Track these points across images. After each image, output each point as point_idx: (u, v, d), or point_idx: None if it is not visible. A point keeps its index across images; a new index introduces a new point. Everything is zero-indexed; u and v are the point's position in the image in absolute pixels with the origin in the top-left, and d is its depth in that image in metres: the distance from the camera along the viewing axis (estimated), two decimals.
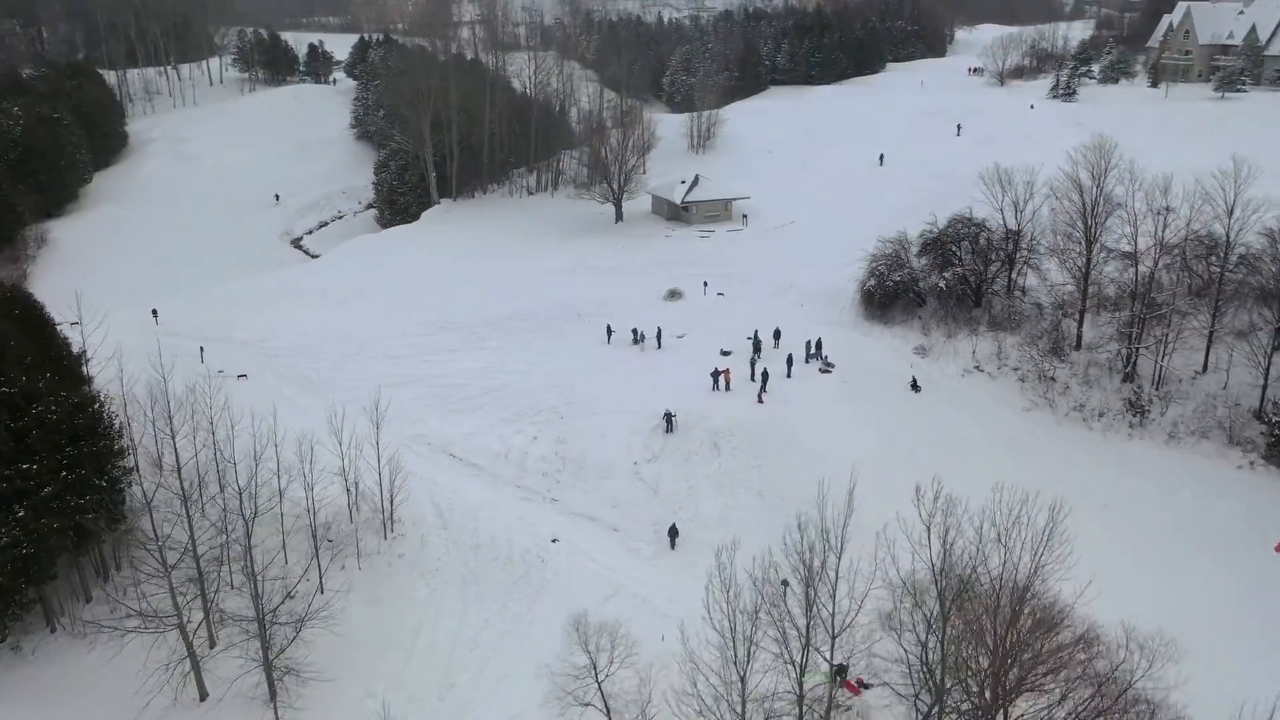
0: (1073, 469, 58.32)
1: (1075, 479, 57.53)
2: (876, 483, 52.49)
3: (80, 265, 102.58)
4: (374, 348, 66.71)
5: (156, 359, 61.12)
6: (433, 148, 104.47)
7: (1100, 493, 56.90)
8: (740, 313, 73.64)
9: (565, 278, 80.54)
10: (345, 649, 45.43)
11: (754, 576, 33.75)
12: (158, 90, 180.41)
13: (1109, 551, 51.38)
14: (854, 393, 61.52)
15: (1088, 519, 55.39)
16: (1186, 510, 54.32)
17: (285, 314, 72.33)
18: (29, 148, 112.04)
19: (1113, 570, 49.34)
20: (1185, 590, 47.82)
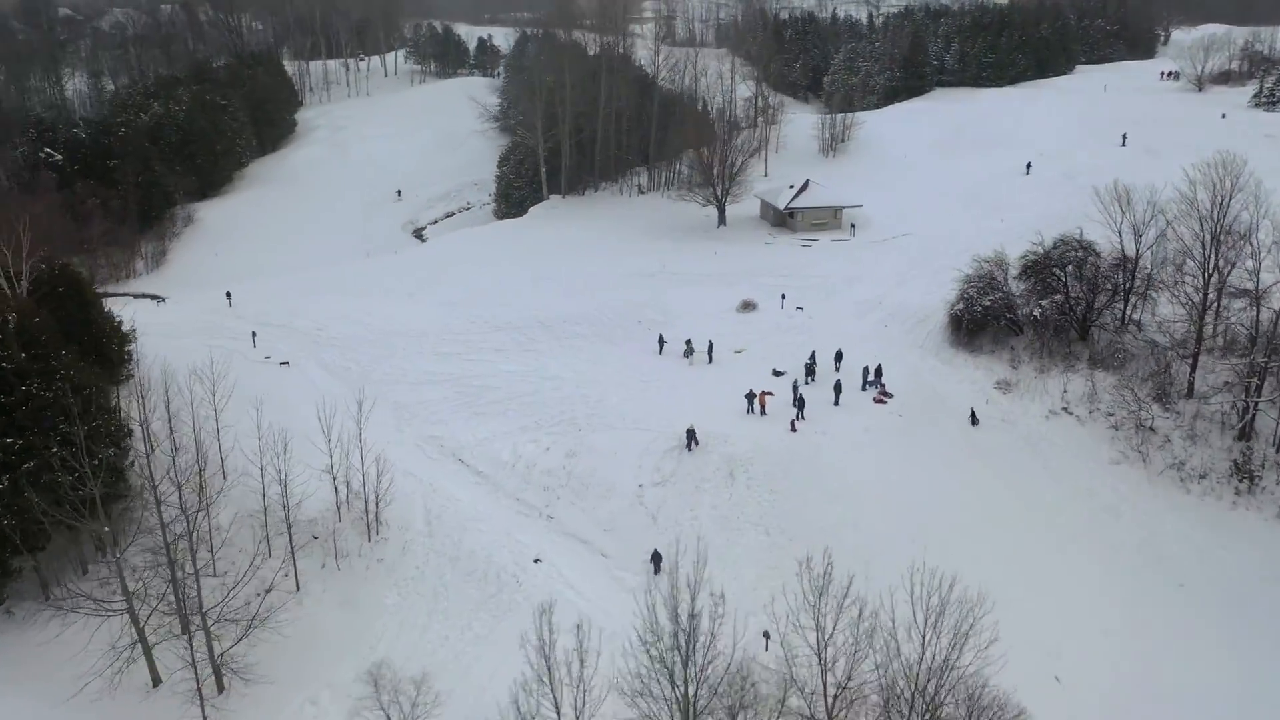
0: (1155, 537, 50.47)
1: (1155, 549, 49.91)
2: (892, 537, 47.17)
3: (215, 243, 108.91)
4: (425, 343, 66.20)
5: (211, 341, 63.11)
6: (550, 142, 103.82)
7: (1183, 568, 48.85)
8: (813, 330, 68.43)
9: (641, 281, 77.53)
10: (304, 651, 44.65)
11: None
12: (336, 80, 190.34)
13: (1173, 639, 44.02)
14: (906, 427, 55.53)
15: (1162, 597, 47.96)
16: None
17: (351, 303, 73.13)
18: (189, 133, 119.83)
19: (1166, 660, 42.21)
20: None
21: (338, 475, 49.20)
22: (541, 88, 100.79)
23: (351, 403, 56.84)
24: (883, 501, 49.95)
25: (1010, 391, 59.97)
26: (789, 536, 47.82)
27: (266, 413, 53.48)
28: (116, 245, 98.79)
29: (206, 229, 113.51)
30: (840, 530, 47.95)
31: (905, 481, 51.25)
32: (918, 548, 46.85)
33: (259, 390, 58.86)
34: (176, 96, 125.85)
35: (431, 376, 61.86)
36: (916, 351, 64.69)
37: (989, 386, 60.40)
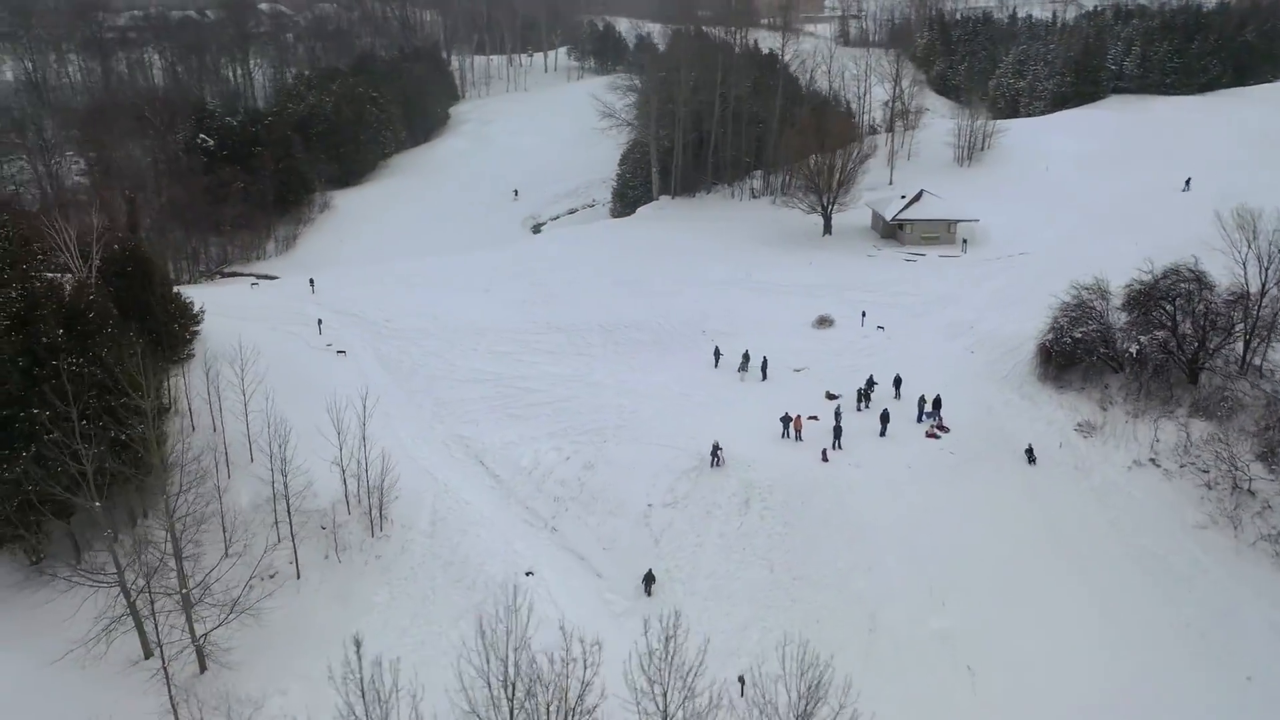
0: (1230, 618, 43.70)
1: (1228, 632, 43.29)
2: (907, 588, 42.89)
3: (346, 230, 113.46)
4: (482, 340, 66.05)
5: (280, 327, 65.10)
6: (668, 141, 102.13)
7: (1256, 659, 42.04)
8: (888, 352, 63.90)
9: (720, 290, 74.75)
10: (288, 640, 45.00)
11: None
12: (497, 75, 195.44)
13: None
14: (956, 467, 50.59)
15: (1225, 690, 41.63)
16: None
17: (427, 296, 73.98)
18: (335, 123, 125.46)
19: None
20: None
21: (348, 469, 49.31)
22: (654, 85, 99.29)
23: (389, 395, 57.35)
24: (907, 546, 45.57)
25: (1092, 435, 53.66)
26: (793, 575, 44.47)
27: (306, 400, 54.67)
28: (248, 228, 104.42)
29: (341, 216, 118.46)
30: (850, 574, 44.23)
31: (938, 527, 46.58)
32: (934, 602, 42.96)
33: (308, 377, 60.51)
34: (329, 88, 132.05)
35: (478, 375, 61.55)
36: (997, 383, 59.07)
37: (1069, 428, 54.26)
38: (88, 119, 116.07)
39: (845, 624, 42.17)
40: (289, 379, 58.76)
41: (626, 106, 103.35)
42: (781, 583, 44.18)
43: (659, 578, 45.14)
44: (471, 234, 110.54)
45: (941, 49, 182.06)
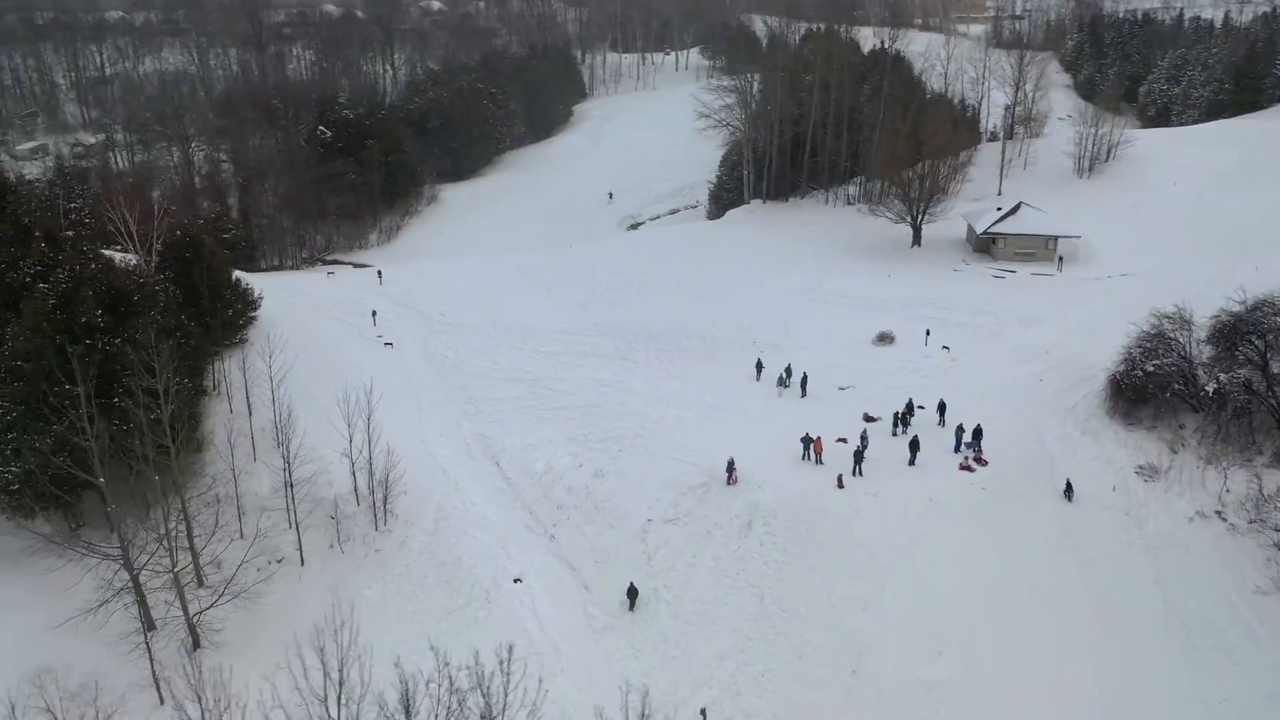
0: (1276, 703, 38.64)
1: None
2: (904, 633, 39.80)
3: (449, 223, 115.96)
4: (529, 340, 65.75)
5: (339, 316, 66.69)
6: (765, 144, 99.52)
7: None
8: (947, 374, 60.07)
9: (785, 299, 71.99)
10: (279, 626, 45.65)
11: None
12: (628, 74, 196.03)
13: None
14: (986, 503, 46.77)
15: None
16: None
17: (489, 292, 74.25)
18: (449, 118, 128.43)
19: None
20: None
21: (357, 461, 49.75)
22: (748, 85, 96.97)
23: (427, 389, 57.67)
24: (910, 586, 42.32)
25: (1154, 480, 48.68)
26: (783, 606, 42.05)
27: (339, 389, 55.56)
28: (353, 218, 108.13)
29: (446, 209, 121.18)
30: (844, 611, 41.49)
31: (949, 568, 43.04)
32: (929, 650, 39.84)
33: (347, 367, 61.65)
34: (451, 85, 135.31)
35: (518, 374, 61.24)
36: (1059, 415, 54.43)
37: (1128, 470, 49.40)
38: (222, 110, 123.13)
39: (828, 663, 39.59)
40: (327, 368, 60.16)
41: (725, 107, 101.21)
42: (769, 613, 41.84)
43: (647, 596, 43.58)
44: (566, 232, 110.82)
45: (1091, 51, 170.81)
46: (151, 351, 44.98)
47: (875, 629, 40.58)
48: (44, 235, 53.56)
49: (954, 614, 41.00)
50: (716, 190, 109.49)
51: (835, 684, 38.73)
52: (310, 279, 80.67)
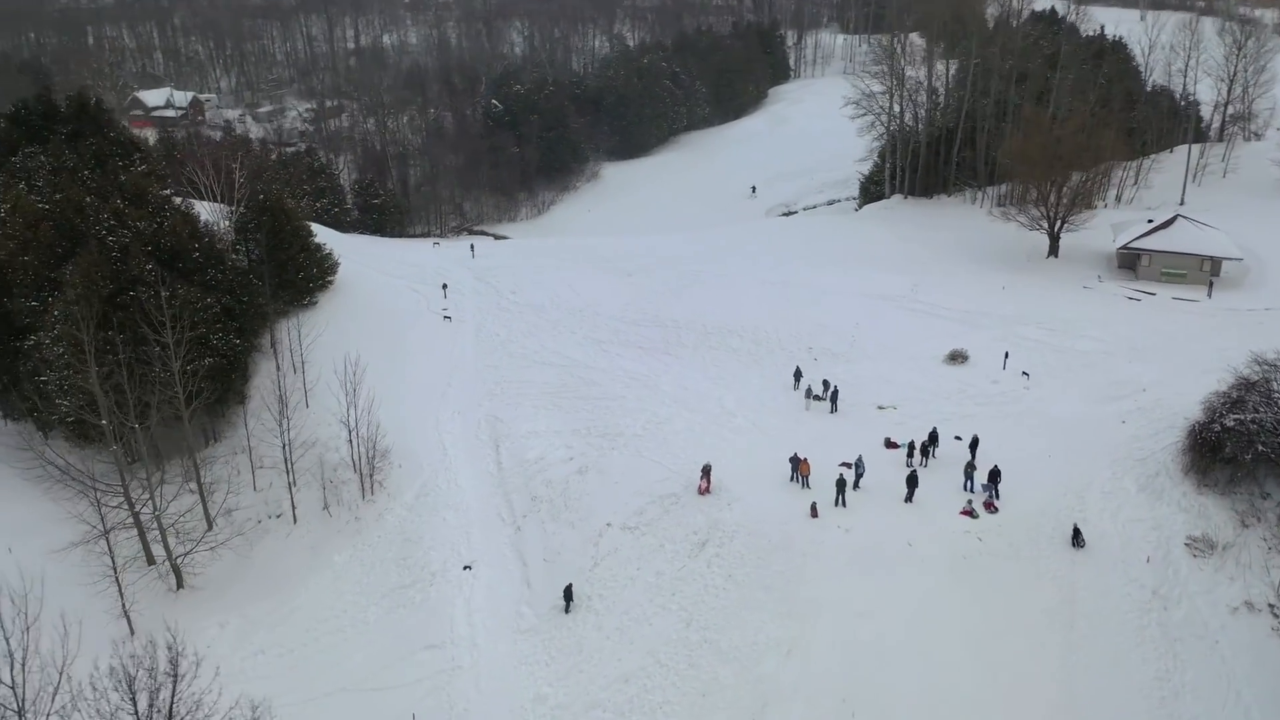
0: None
1: None
2: (828, 690, 35.90)
3: (600, 200, 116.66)
4: (581, 325, 64.65)
5: (417, 286, 68.88)
6: (929, 135, 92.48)
7: None
8: (1013, 404, 53.55)
9: (867, 303, 66.23)
10: (255, 576, 48.38)
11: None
12: (839, 56, 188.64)
13: None
14: (973, 557, 41.23)
15: None
16: None
17: (568, 274, 73.50)
18: (623, 97, 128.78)
19: None
20: None
21: (355, 430, 50.85)
22: (895, 73, 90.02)
23: (465, 366, 58.30)
24: (848, 641, 37.89)
25: (1204, 556, 41.02)
26: (705, 637, 39.16)
27: (377, 358, 57.50)
28: (506, 191, 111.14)
29: (604, 187, 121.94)
30: (765, 653, 38.08)
31: (904, 627, 38.13)
32: (841, 712, 35.55)
33: (395, 337, 63.44)
34: (634, 63, 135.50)
35: (555, 358, 60.54)
36: (1123, 465, 46.94)
37: (1176, 540, 41.89)
38: (410, 81, 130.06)
39: (730, 707, 36.43)
40: (375, 337, 62.25)
41: (869, 95, 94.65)
42: (690, 642, 39.03)
43: (581, 602, 41.91)
44: (714, 215, 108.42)
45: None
46: (162, 309, 47.95)
47: (791, 680, 36.84)
48: (130, 192, 58.54)
49: (888, 680, 36.37)
50: (865, 182, 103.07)
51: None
52: (418, 247, 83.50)
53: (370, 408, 52.39)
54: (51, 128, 67.55)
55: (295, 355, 59.23)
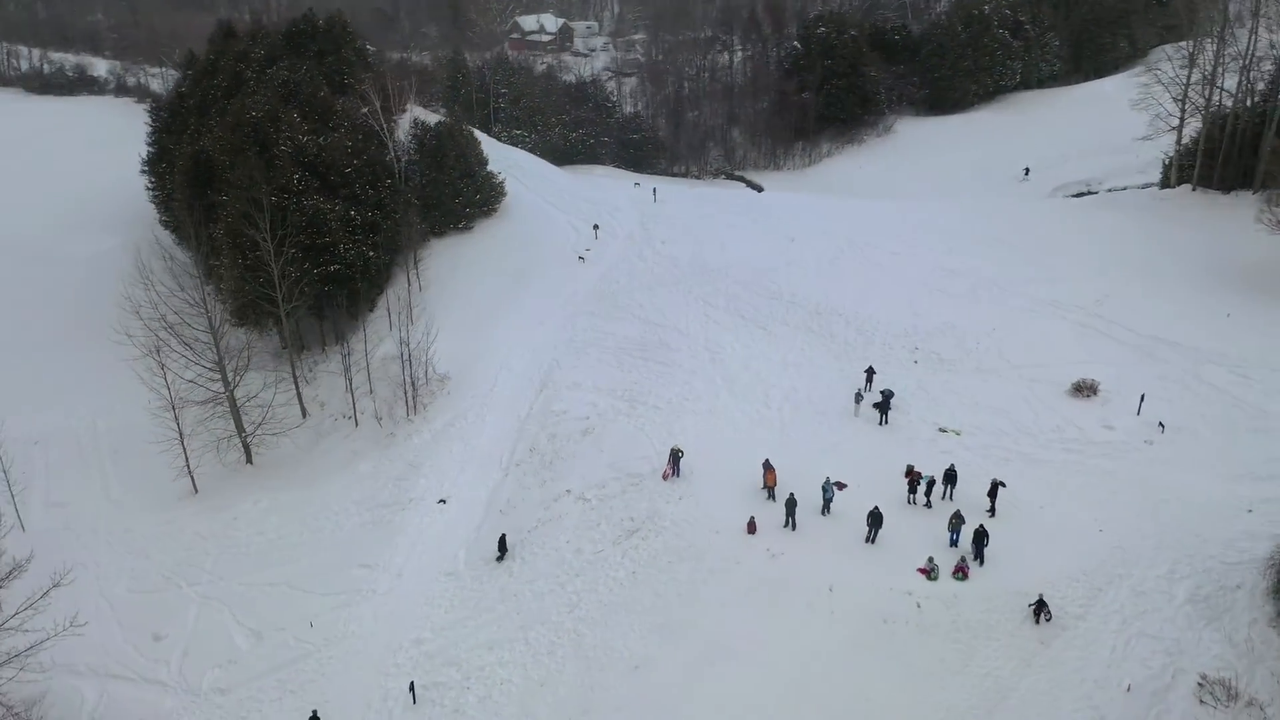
0: None
1: None
2: None
3: (876, 158, 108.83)
4: (707, 285, 60.93)
5: (575, 223, 70.86)
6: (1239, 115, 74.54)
7: None
8: (1116, 459, 43.34)
9: (1029, 312, 55.34)
10: (299, 466, 53.84)
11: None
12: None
13: None
14: (901, 624, 34.80)
15: None
16: None
17: (732, 233, 69.46)
18: (942, 45, 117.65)
19: None
20: None
21: (406, 350, 53.39)
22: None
23: (573, 308, 59.16)
24: (692, 678, 34.05)
25: (1213, 707, 31.38)
26: (578, 628, 37.64)
27: (503, 292, 60.56)
28: (777, 138, 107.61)
29: (897, 144, 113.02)
30: (613, 663, 35.85)
31: (779, 683, 33.40)
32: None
33: (520, 270, 65.30)
34: (974, 9, 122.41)
35: (651, 315, 58.44)
36: (1195, 564, 36.53)
37: (1186, 676, 32.34)
38: (725, 17, 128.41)
39: (557, 704, 34.72)
40: (502, 269, 64.78)
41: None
42: (563, 628, 37.57)
43: (509, 560, 41.63)
44: (993, 187, 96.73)
45: None
46: (265, 213, 53.77)
47: (621, 696, 34.08)
48: (310, 106, 65.46)
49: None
50: (1167, 166, 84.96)
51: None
52: (617, 186, 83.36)
53: (436, 334, 55.14)
54: (307, 45, 76.75)
55: (423, 276, 63.35)
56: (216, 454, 54.32)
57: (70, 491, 53.69)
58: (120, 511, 51.87)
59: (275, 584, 43.89)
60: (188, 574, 45.90)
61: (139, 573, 46.60)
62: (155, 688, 39.18)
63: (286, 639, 40.30)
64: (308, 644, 39.81)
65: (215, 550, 47.48)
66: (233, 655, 40.14)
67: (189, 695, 38.57)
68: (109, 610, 44.16)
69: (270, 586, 43.77)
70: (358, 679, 37.75)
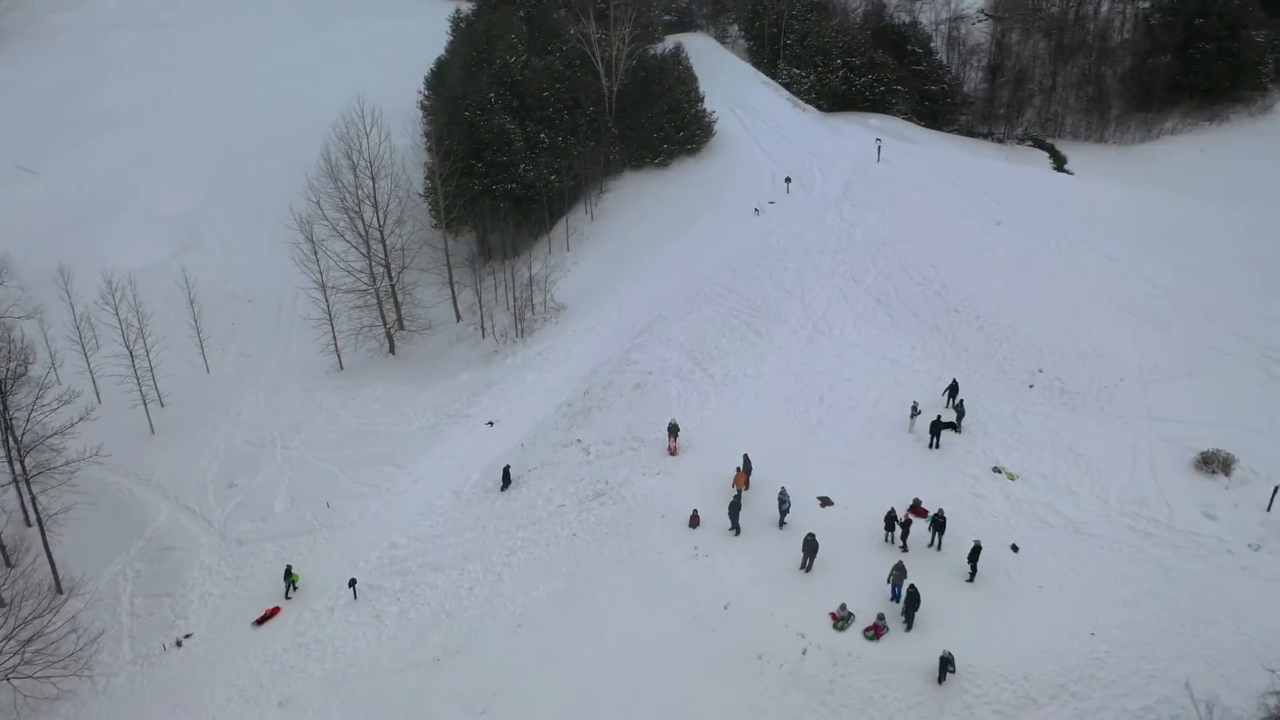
0: None
1: None
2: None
3: (1233, 147, 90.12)
4: (864, 263, 54.80)
5: (774, 169, 68.88)
6: None
7: None
8: (1205, 558, 34.75)
9: (1190, 340, 44.63)
10: (421, 367, 58.70)
11: None
12: None
13: None
14: (768, 660, 31.28)
15: None
16: None
17: (929, 202, 61.38)
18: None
19: None
20: None
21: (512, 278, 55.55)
22: None
23: (722, 264, 58.37)
24: (544, 660, 33.35)
25: None
26: (502, 576, 38.20)
27: (664, 233, 61.88)
28: (1114, 107, 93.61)
29: (1275, 126, 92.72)
30: (499, 616, 36.13)
31: (619, 684, 31.91)
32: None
33: (688, 213, 64.34)
34: None
35: (783, 283, 54.27)
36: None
37: None
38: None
39: (439, 641, 35.92)
40: (678, 211, 64.19)
41: None
42: (494, 569, 38.41)
43: (518, 484, 42.83)
44: None
45: None
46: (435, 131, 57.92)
47: (494, 646, 34.44)
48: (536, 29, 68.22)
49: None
50: None
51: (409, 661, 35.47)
52: (852, 140, 76.01)
53: (574, 265, 56.89)
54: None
55: (601, 207, 64.47)
56: (365, 341, 59.87)
57: (257, 347, 62.72)
58: (283, 373, 59.79)
59: (331, 463, 48.86)
60: (289, 437, 52.36)
61: (260, 428, 53.93)
62: (203, 525, 45.80)
63: (306, 513, 45.00)
64: (316, 523, 44.21)
65: (320, 423, 53.57)
66: (266, 516, 45.67)
67: (219, 540, 44.69)
68: (222, 454, 51.79)
69: (327, 464, 48.81)
70: (334, 564, 41.38)
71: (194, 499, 47.96)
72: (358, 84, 65.58)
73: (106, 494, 48.69)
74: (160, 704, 36.28)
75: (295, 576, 40.17)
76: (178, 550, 44.16)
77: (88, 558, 44.43)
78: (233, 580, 41.89)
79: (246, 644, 38.12)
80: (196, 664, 37.76)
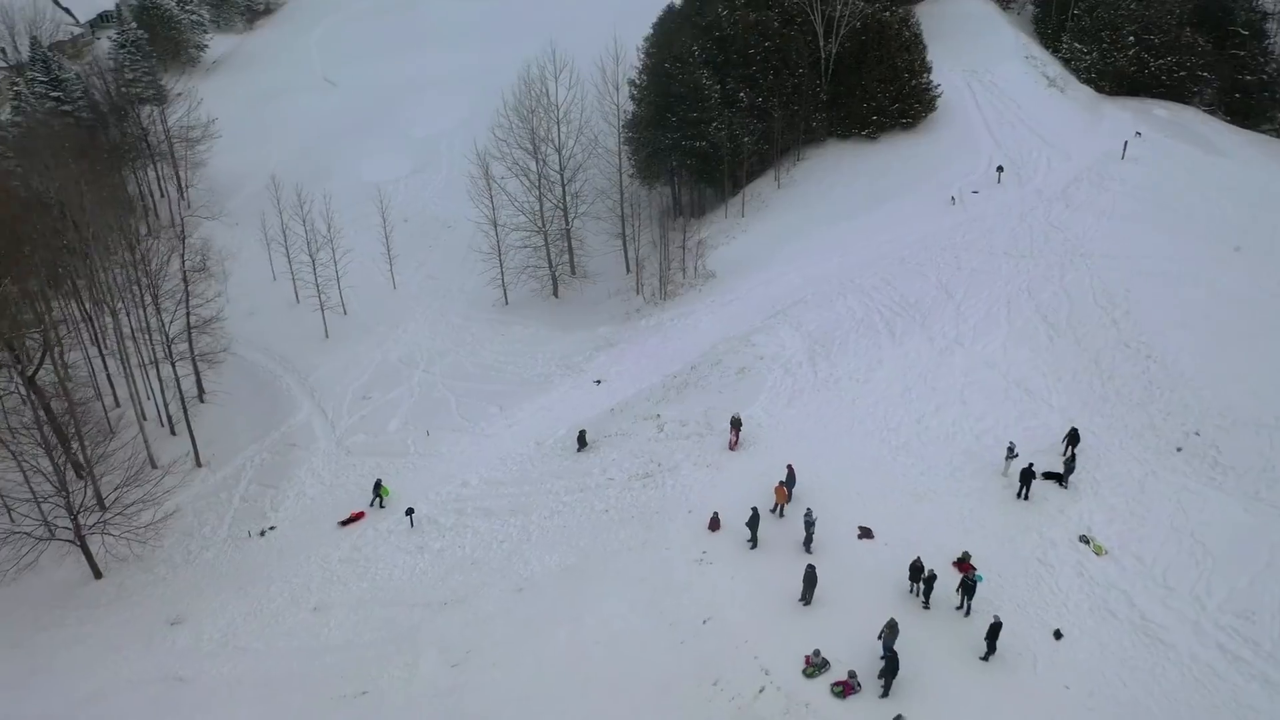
0: None
1: None
2: None
3: None
4: (981, 257, 49.71)
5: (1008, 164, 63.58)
6: None
7: None
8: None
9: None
10: (568, 312, 59.31)
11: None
12: None
13: None
14: (723, 686, 29.41)
15: None
16: None
17: (1194, 223, 52.47)
18: None
19: None
20: None
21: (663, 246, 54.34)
22: None
23: (867, 257, 55.82)
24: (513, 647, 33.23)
25: None
26: (528, 537, 38.54)
27: (850, 211, 59.69)
28: None
29: None
30: (508, 576, 36.57)
31: (581, 681, 31.36)
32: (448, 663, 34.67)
33: (885, 198, 60.37)
34: None
35: (961, 296, 49.18)
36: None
37: None
38: None
39: (441, 601, 37.10)
40: (868, 190, 60.61)
41: None
42: (529, 531, 38.67)
43: (595, 446, 43.08)
44: None
45: None
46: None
47: (487, 608, 35.01)
48: None
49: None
50: None
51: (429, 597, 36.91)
52: (1105, 132, 65.10)
53: (737, 234, 55.19)
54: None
55: (791, 175, 61.39)
56: (528, 281, 61.67)
57: (445, 270, 66.43)
58: (457, 298, 63.03)
59: (451, 393, 51.22)
60: (433, 361, 55.37)
61: (415, 348, 57.46)
62: (327, 430, 49.81)
63: (409, 437, 47.60)
64: (413, 447, 46.65)
65: (464, 352, 56.18)
66: (379, 432, 48.89)
67: (334, 445, 48.42)
68: (375, 367, 55.82)
69: (448, 394, 51.26)
70: (412, 490, 43.62)
71: (332, 404, 52.17)
72: (602, 27, 65.41)
73: (269, 386, 54.20)
74: (228, 583, 40.18)
75: (385, 490, 42.84)
76: (299, 449, 48.38)
77: (234, 438, 49.90)
78: (328, 486, 45.31)
79: (315, 546, 41.15)
80: (269, 554, 41.41)
